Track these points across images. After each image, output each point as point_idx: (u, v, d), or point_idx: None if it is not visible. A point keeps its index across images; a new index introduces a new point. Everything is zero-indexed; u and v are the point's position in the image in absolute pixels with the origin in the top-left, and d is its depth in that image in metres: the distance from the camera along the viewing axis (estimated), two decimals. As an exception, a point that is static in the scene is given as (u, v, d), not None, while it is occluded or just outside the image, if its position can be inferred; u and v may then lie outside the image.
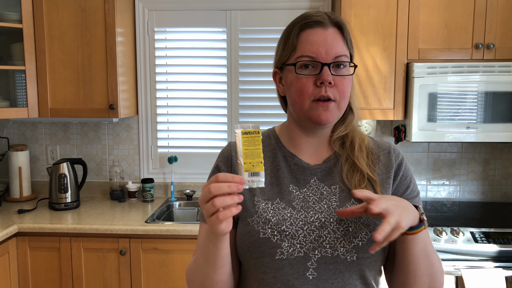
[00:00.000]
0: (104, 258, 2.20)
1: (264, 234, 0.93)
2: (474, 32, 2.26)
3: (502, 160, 2.68)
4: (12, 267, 2.18)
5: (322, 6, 2.64)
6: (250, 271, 0.97)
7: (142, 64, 2.72)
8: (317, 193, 0.98)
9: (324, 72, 0.92)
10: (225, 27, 2.69)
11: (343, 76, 0.95)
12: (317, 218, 0.95)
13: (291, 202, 0.97)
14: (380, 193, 0.98)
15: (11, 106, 2.45)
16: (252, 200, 0.97)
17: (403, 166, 1.04)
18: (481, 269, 1.99)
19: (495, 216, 2.43)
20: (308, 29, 0.95)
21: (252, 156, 0.81)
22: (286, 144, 1.04)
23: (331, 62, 0.93)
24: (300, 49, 0.95)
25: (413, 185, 1.04)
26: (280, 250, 0.92)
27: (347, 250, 0.92)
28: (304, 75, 0.94)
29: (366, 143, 1.04)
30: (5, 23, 2.30)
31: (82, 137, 2.80)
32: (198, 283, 0.95)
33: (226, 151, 1.06)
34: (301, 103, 0.95)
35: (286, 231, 0.93)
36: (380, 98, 2.30)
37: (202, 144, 2.79)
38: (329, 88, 0.93)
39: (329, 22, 0.95)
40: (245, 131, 0.82)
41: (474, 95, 2.21)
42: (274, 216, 0.95)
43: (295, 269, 0.92)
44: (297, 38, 0.96)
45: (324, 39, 0.94)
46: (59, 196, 2.47)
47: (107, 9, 2.36)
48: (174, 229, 2.15)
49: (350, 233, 0.93)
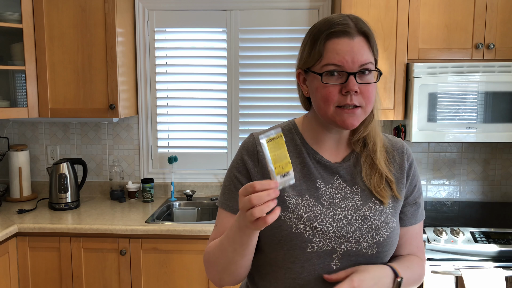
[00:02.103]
0: (104, 258, 2.20)
1: (296, 229, 0.99)
2: (474, 32, 2.26)
3: (502, 160, 2.68)
4: (12, 267, 2.18)
5: (322, 6, 2.64)
6: (277, 260, 1.02)
7: (142, 64, 2.72)
8: (341, 192, 1.04)
9: (350, 81, 0.95)
10: (225, 27, 2.69)
11: (369, 83, 0.98)
12: (344, 215, 1.01)
13: (320, 199, 1.02)
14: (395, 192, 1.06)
15: (11, 106, 2.45)
16: (282, 195, 1.01)
17: (413, 166, 1.11)
18: (481, 269, 1.99)
19: (495, 216, 2.43)
20: (334, 38, 0.96)
21: (280, 160, 0.84)
22: (309, 140, 1.07)
23: (357, 71, 0.95)
24: (326, 58, 0.96)
25: (419, 183, 1.13)
26: (311, 244, 0.98)
27: (370, 245, 1.00)
28: (330, 84, 0.96)
29: (383, 142, 1.09)
30: (5, 23, 2.30)
31: (82, 137, 2.80)
32: (221, 266, 0.99)
33: (251, 145, 1.07)
34: (326, 109, 0.98)
35: (317, 227, 0.99)
36: (380, 98, 2.30)
37: (202, 144, 2.79)
38: (355, 96, 0.96)
39: (355, 32, 0.96)
40: (269, 139, 0.85)
41: (474, 95, 2.20)
42: (305, 212, 1.00)
43: (321, 260, 0.99)
44: (323, 46, 0.97)
45: (351, 49, 0.95)
46: (59, 196, 2.47)
47: (107, 9, 2.36)
48: (174, 229, 2.15)
49: (373, 230, 1.01)
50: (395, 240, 1.05)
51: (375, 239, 1.01)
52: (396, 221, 1.06)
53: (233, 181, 1.07)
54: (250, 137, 1.09)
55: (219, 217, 1.08)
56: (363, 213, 1.02)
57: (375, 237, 1.01)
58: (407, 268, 1.05)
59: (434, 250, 2.05)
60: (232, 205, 1.06)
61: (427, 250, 2.05)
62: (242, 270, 1.00)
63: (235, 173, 1.07)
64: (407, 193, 1.10)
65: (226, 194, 1.08)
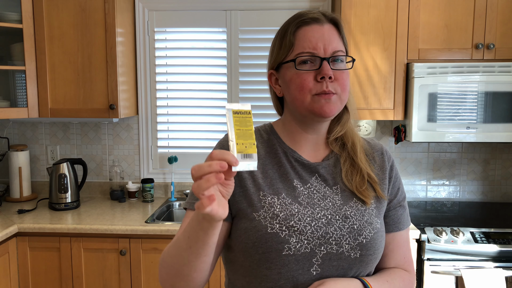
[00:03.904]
0: (104, 258, 2.20)
1: (272, 229, 0.92)
2: (474, 32, 2.26)
3: (502, 160, 2.68)
4: (12, 267, 2.18)
5: (322, 6, 2.64)
6: (252, 267, 0.95)
7: (142, 64, 2.72)
8: (320, 191, 0.99)
9: (325, 66, 0.93)
10: (225, 27, 2.69)
11: (342, 70, 0.96)
12: (324, 214, 0.96)
13: (297, 198, 0.97)
14: (379, 193, 1.01)
15: (11, 106, 2.45)
16: (257, 195, 0.96)
17: (394, 167, 1.07)
18: (481, 269, 2.00)
19: (495, 216, 2.43)
20: (304, 26, 0.96)
21: (244, 137, 0.75)
22: (286, 140, 1.04)
23: (330, 56, 0.94)
24: (298, 46, 0.95)
25: (402, 186, 1.09)
26: (288, 246, 0.91)
27: (352, 247, 0.94)
28: (305, 70, 0.94)
29: (361, 143, 1.06)
30: (5, 23, 2.30)
31: (82, 137, 2.80)
32: (174, 268, 0.90)
33: (226, 143, 1.02)
34: (302, 98, 0.95)
35: (294, 227, 0.93)
36: (380, 98, 2.30)
37: (202, 144, 2.79)
38: (330, 83, 0.94)
39: (324, 19, 0.97)
40: (235, 110, 0.76)
41: (474, 95, 2.21)
42: (282, 211, 0.94)
43: (300, 265, 0.92)
44: (294, 36, 0.96)
45: (322, 35, 0.95)
46: (59, 196, 2.47)
47: (107, 9, 2.36)
48: (174, 229, 2.15)
49: (355, 230, 0.95)
50: (380, 243, 0.98)
51: (358, 240, 0.94)
52: (380, 222, 1.00)
53: None
54: (225, 137, 1.05)
55: (184, 221, 0.98)
56: (343, 212, 0.97)
57: (357, 238, 0.94)
58: (385, 283, 0.98)
59: (434, 250, 2.05)
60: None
61: (427, 250, 2.05)
62: (196, 275, 0.89)
63: None
64: (391, 196, 1.05)
65: (193, 195, 0.97)
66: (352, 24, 2.29)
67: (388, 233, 1.04)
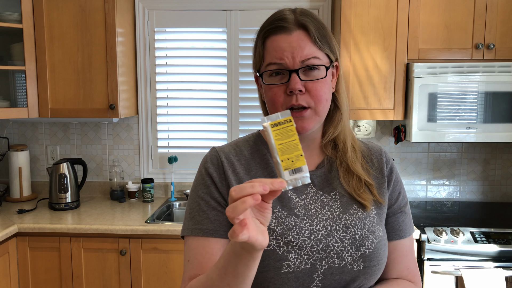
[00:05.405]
0: (104, 258, 2.20)
1: (268, 246, 0.86)
2: (474, 32, 2.26)
3: (502, 160, 2.68)
4: (12, 267, 2.18)
5: (322, 6, 2.64)
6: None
7: (142, 64, 2.72)
8: (317, 201, 0.93)
9: (292, 80, 0.86)
10: (225, 27, 2.69)
11: (315, 80, 0.88)
12: (323, 226, 0.90)
13: (293, 210, 0.91)
14: (377, 196, 0.96)
15: (11, 106, 2.45)
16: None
17: (394, 171, 1.02)
18: (481, 269, 2.00)
19: (495, 216, 2.43)
20: (272, 36, 0.90)
21: (289, 151, 0.69)
22: None
23: (299, 67, 0.87)
24: (267, 57, 0.90)
25: (404, 190, 1.03)
26: (287, 263, 0.86)
27: (354, 259, 0.88)
28: (273, 84, 0.89)
29: (358, 145, 1.01)
30: (5, 23, 2.30)
31: (82, 137, 2.80)
32: None
33: (214, 157, 0.96)
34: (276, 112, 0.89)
35: (292, 242, 0.86)
36: (380, 98, 2.30)
37: (202, 144, 2.79)
38: (301, 96, 0.87)
39: (293, 25, 0.89)
40: (273, 122, 0.70)
41: (474, 95, 2.21)
42: (278, 225, 0.88)
43: (300, 282, 0.86)
44: (263, 47, 0.92)
45: (289, 45, 0.87)
46: (59, 196, 2.47)
47: (107, 9, 2.36)
48: (174, 229, 2.15)
49: (357, 240, 0.89)
50: (384, 252, 0.92)
51: (361, 251, 0.88)
52: (382, 230, 0.94)
53: (203, 199, 0.92)
54: (211, 150, 0.99)
55: (190, 249, 0.90)
56: (344, 222, 0.90)
57: (360, 249, 0.88)
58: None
59: (434, 250, 2.05)
60: (206, 227, 0.90)
61: (427, 250, 2.05)
62: None
63: (202, 190, 0.93)
64: (391, 201, 0.99)
65: (195, 218, 0.91)
66: (352, 24, 2.29)
67: (389, 241, 0.98)
